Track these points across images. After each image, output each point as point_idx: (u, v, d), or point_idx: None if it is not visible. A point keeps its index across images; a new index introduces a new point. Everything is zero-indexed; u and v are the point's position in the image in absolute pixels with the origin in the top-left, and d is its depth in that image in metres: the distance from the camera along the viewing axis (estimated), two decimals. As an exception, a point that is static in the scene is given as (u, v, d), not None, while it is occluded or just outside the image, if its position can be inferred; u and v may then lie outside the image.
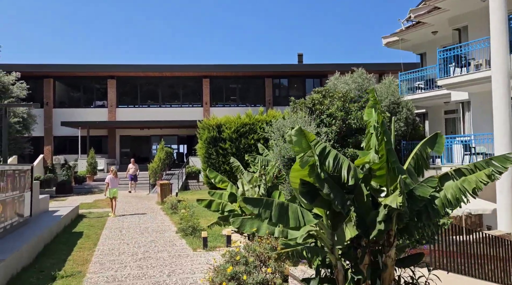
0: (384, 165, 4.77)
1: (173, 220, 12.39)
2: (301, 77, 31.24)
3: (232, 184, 10.26)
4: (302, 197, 5.04)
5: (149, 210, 15.08)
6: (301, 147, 4.78)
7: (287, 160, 12.60)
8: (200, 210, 14.21)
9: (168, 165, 28.11)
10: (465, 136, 15.82)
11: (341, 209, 4.88)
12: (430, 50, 20.03)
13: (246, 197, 4.78)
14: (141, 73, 30.09)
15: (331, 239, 5.28)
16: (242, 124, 23.58)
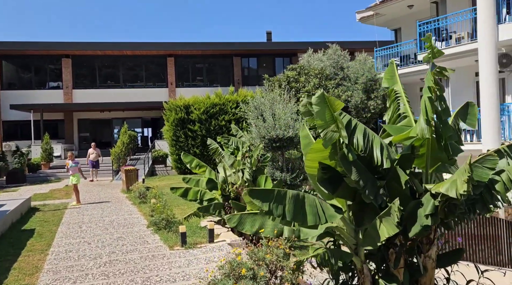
0: (434, 142, 3.60)
1: (142, 211, 10.92)
2: (270, 56, 29.88)
3: (211, 169, 8.93)
4: (322, 185, 3.82)
5: (114, 199, 13.47)
6: (324, 119, 3.52)
7: (268, 140, 11.37)
8: (171, 198, 12.78)
9: (132, 150, 26.21)
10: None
11: (372, 200, 3.71)
12: (405, 25, 19.23)
13: (252, 188, 3.49)
14: (99, 51, 27.65)
15: (355, 237, 4.12)
16: (212, 105, 22.07)
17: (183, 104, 22.02)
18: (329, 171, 3.83)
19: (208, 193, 8.51)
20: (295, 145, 11.67)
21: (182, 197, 8.53)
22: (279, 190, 3.60)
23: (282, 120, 11.40)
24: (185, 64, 29.53)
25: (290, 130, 11.20)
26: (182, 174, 22.07)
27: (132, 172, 15.09)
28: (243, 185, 8.15)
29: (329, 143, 3.56)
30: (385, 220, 3.60)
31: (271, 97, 12.56)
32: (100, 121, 29.97)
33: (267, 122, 11.49)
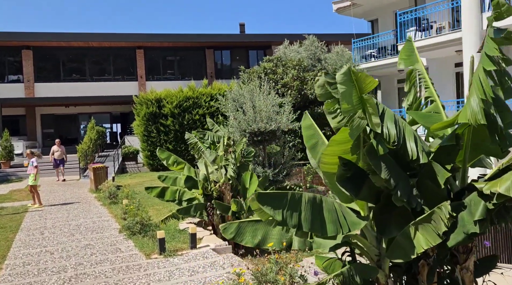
0: (485, 130, 2.90)
1: (113, 212, 9.87)
2: (244, 49, 28.97)
3: (190, 166, 8.04)
4: (343, 185, 3.06)
5: (81, 200, 12.31)
6: (350, 102, 2.75)
7: (249, 134, 10.56)
8: (145, 198, 11.77)
9: (101, 146, 24.76)
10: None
11: (405, 203, 2.99)
12: (382, 16, 18.84)
13: (261, 192, 2.68)
14: (63, 43, 25.88)
15: (378, 247, 3.40)
16: (185, 98, 20.99)
17: (154, 97, 20.83)
18: (352, 168, 3.07)
19: (187, 192, 7.63)
20: (277, 138, 10.93)
21: (159, 197, 7.61)
22: (293, 194, 2.81)
23: (263, 113, 10.63)
24: (156, 56, 28.21)
25: (273, 124, 10.45)
26: (154, 170, 20.94)
27: (101, 169, 13.92)
28: (226, 182, 7.33)
29: (357, 132, 2.80)
30: (424, 228, 2.88)
31: (250, 89, 11.76)
32: (65, 117, 28.23)
33: (247, 115, 10.68)
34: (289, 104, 11.10)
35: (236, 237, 3.35)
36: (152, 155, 20.78)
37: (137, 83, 27.28)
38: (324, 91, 2.99)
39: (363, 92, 2.74)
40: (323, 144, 3.85)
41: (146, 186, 7.61)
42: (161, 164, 21.02)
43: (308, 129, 4.00)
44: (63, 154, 18.59)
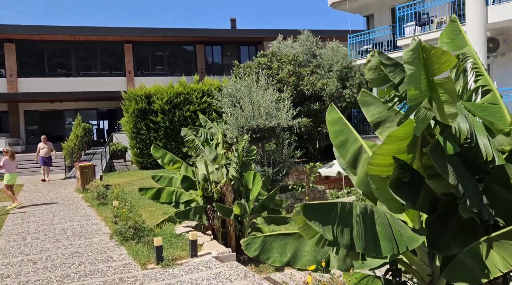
0: None
1: (102, 215, 9.14)
2: (235, 44, 28.26)
3: (187, 165, 7.37)
4: (398, 192, 2.46)
5: (67, 201, 11.51)
6: (419, 87, 2.15)
7: (247, 131, 9.92)
8: (136, 198, 11.06)
9: (87, 143, 23.84)
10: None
11: (474, 214, 2.41)
12: (378, 11, 18.36)
13: (308, 203, 2.07)
14: (48, 36, 24.80)
15: (431, 266, 2.82)
16: (176, 94, 20.22)
17: (144, 93, 20.01)
18: (409, 171, 2.48)
19: (184, 194, 6.97)
20: (276, 136, 10.32)
21: (153, 199, 6.94)
22: (343, 205, 2.21)
23: (262, 109, 10.00)
24: (144, 51, 27.31)
25: (273, 120, 9.83)
26: (144, 169, 20.17)
27: (88, 168, 13.12)
28: (228, 183, 6.69)
29: (423, 125, 2.21)
30: (502, 247, 2.31)
31: (247, 84, 11.11)
32: (50, 113, 27.13)
33: (245, 111, 10.03)
34: (288, 100, 10.50)
35: (261, 255, 2.74)
36: (142, 152, 20.00)
37: (125, 79, 26.37)
38: (377, 75, 2.39)
39: (437, 74, 2.15)
40: (355, 141, 3.26)
41: (140, 187, 6.93)
42: (151, 162, 20.24)
43: (335, 124, 3.41)
44: (51, 151, 17.28)
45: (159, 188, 6.98)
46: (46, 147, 17.00)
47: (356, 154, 3.18)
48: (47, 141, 17.27)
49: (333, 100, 16.45)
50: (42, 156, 16.76)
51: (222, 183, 6.58)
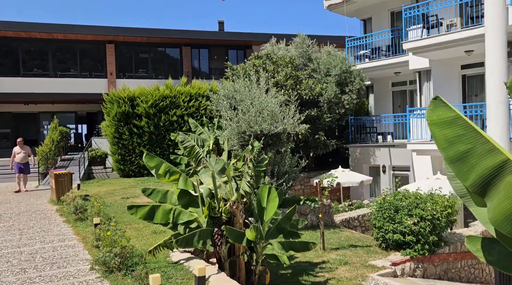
0: None
1: (80, 233, 7.69)
2: (223, 48, 27.05)
3: (186, 177, 6.06)
4: None
5: (39, 214, 9.96)
6: None
7: (249, 137, 8.67)
8: (119, 212, 9.64)
9: (64, 149, 22.07)
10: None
11: None
12: (377, 14, 17.53)
13: None
14: (23, 33, 22.99)
15: None
16: (162, 97, 18.84)
17: (127, 96, 18.54)
18: None
19: (184, 213, 5.65)
20: (282, 143, 9.11)
21: (147, 219, 5.59)
22: None
23: (266, 112, 8.78)
24: (128, 52, 25.78)
25: (279, 125, 8.62)
26: (125, 177, 18.64)
27: (65, 177, 11.57)
28: (239, 200, 5.42)
29: None
30: None
31: (246, 84, 9.89)
32: (25, 116, 25.26)
33: (248, 114, 8.78)
34: (294, 103, 9.32)
35: None
36: (124, 159, 18.48)
37: (107, 80, 24.75)
38: None
39: None
40: (489, 154, 2.08)
41: (129, 205, 5.59)
42: (133, 169, 18.71)
43: (448, 126, 2.26)
44: (28, 156, 15.02)
45: (153, 206, 5.66)
46: (23, 151, 14.68)
47: (491, 175, 2.01)
48: (24, 145, 14.92)
49: (331, 106, 15.43)
50: (17, 162, 14.45)
51: (232, 200, 5.31)
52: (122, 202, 11.38)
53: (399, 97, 17.17)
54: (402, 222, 7.30)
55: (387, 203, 7.70)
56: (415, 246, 7.19)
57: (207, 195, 5.57)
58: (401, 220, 7.34)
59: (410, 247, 7.24)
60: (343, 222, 10.54)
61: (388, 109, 17.32)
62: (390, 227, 7.39)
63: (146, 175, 18.55)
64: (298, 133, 9.28)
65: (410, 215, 7.34)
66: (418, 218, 7.25)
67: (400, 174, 15.43)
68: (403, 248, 7.34)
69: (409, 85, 16.65)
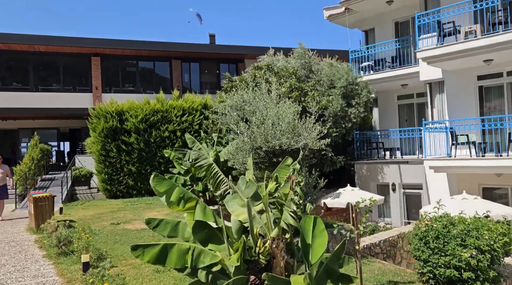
0: None
1: (64, 274, 6.19)
2: (214, 61, 25.93)
3: (204, 205, 4.71)
4: None
5: (14, 247, 8.37)
6: None
7: (265, 153, 7.39)
8: (109, 240, 8.15)
9: (45, 168, 20.29)
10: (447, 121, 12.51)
11: None
12: (380, 25, 16.71)
13: None
14: (2, 45, 21.38)
15: None
16: (153, 112, 17.47)
17: (115, 110, 17.10)
18: None
19: (206, 254, 4.29)
20: (302, 160, 7.85)
21: (157, 263, 4.20)
22: None
23: (284, 124, 7.55)
24: (115, 66, 24.36)
25: (301, 139, 7.38)
26: (112, 198, 17.03)
27: (46, 200, 9.99)
28: (279, 237, 4.10)
29: None
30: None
31: (255, 95, 8.67)
32: (2, 132, 23.36)
33: (263, 127, 7.52)
34: (315, 115, 8.13)
35: None
36: (111, 178, 16.90)
37: (91, 95, 23.18)
38: None
39: None
40: None
41: (133, 244, 4.22)
42: (121, 189, 17.10)
43: None
44: (6, 177, 12.54)
45: (165, 245, 4.28)
46: (0, 171, 12.31)
47: None
48: (1, 164, 12.50)
49: (337, 120, 14.31)
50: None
51: (271, 236, 3.97)
52: (112, 229, 9.86)
53: (405, 111, 16.24)
54: (455, 254, 6.08)
55: (433, 231, 6.49)
56: (474, 284, 5.96)
57: (237, 229, 4.24)
58: (453, 251, 6.12)
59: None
60: (365, 249, 9.28)
61: (393, 123, 16.35)
62: (441, 261, 6.16)
63: (135, 195, 16.99)
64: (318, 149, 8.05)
65: (463, 246, 6.13)
66: (473, 249, 6.04)
67: (412, 192, 14.35)
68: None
69: (417, 98, 15.75)
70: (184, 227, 4.98)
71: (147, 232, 9.28)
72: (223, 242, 4.67)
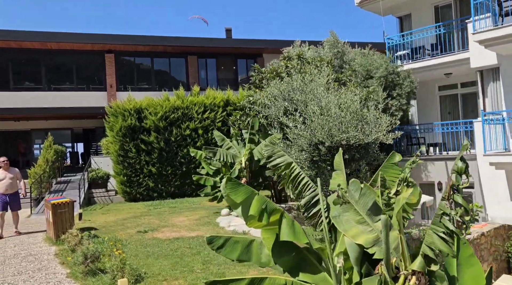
0: None
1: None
2: (231, 57, 24.63)
3: (292, 219, 3.40)
4: None
5: (32, 263, 7.16)
6: None
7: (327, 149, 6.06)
8: (140, 253, 6.90)
9: (60, 170, 19.18)
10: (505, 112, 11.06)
11: None
12: (417, 10, 15.29)
13: None
14: (13, 43, 20.28)
15: None
16: (173, 109, 16.26)
17: (133, 107, 15.91)
18: None
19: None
20: (369, 156, 6.51)
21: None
22: None
23: (349, 114, 6.21)
24: (129, 63, 23.20)
25: (372, 132, 6.03)
26: (131, 201, 15.85)
27: (65, 207, 8.77)
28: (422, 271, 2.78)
29: None
30: None
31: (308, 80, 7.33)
32: (15, 134, 22.32)
33: (325, 119, 6.19)
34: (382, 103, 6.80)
35: None
36: (130, 180, 15.71)
37: (106, 93, 22.00)
38: None
39: None
40: None
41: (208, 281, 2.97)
42: (141, 192, 15.89)
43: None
44: (19, 183, 9.96)
45: (251, 281, 3.02)
46: (9, 175, 9.60)
47: None
48: (10, 167, 9.86)
49: (376, 113, 12.95)
50: (1, 193, 9.43)
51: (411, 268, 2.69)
52: (139, 238, 8.63)
53: (448, 102, 14.81)
54: None
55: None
56: None
57: (356, 257, 2.93)
58: None
59: None
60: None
61: (434, 116, 14.92)
62: None
63: (156, 198, 15.78)
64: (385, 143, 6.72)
65: None
66: None
67: (461, 190, 12.89)
68: None
69: (461, 89, 14.32)
70: (260, 247, 3.70)
71: (181, 242, 8.04)
72: (319, 270, 3.38)
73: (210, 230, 9.11)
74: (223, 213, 10.30)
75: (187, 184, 16.09)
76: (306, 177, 3.80)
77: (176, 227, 9.60)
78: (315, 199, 3.78)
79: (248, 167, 11.11)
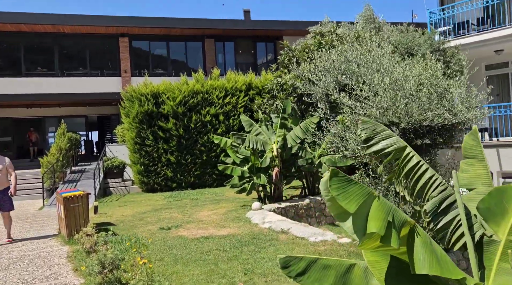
0: None
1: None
2: (249, 40, 23.18)
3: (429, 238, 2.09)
4: None
5: (41, 268, 6.04)
6: None
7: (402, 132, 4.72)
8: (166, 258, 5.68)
9: (74, 159, 18.17)
10: None
11: None
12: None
13: None
14: (24, 26, 19.18)
15: None
16: (192, 93, 14.98)
17: (150, 92, 14.68)
18: None
19: None
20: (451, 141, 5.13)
21: None
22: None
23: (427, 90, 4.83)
24: (144, 47, 21.96)
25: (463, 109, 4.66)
26: (149, 191, 14.72)
27: (79, 201, 7.61)
28: None
29: None
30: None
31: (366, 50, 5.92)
32: (27, 121, 21.37)
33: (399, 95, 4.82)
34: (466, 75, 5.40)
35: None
36: (147, 169, 14.57)
37: (120, 79, 20.86)
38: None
39: None
40: None
41: None
42: (160, 182, 14.74)
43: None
44: (8, 175, 7.65)
45: None
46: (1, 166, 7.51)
47: None
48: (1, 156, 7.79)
49: (419, 95, 11.48)
50: None
51: None
52: (163, 236, 7.44)
53: (496, 83, 13.22)
54: None
55: None
56: None
57: None
58: None
59: None
60: None
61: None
62: None
63: (175, 188, 14.64)
64: (468, 125, 5.34)
65: None
66: None
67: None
68: None
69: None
70: (365, 277, 2.41)
71: (211, 242, 6.82)
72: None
73: (242, 227, 7.88)
74: (254, 206, 9.05)
75: (208, 174, 14.91)
76: (431, 169, 2.48)
77: (203, 223, 8.41)
78: (446, 202, 2.47)
79: (280, 155, 9.82)
